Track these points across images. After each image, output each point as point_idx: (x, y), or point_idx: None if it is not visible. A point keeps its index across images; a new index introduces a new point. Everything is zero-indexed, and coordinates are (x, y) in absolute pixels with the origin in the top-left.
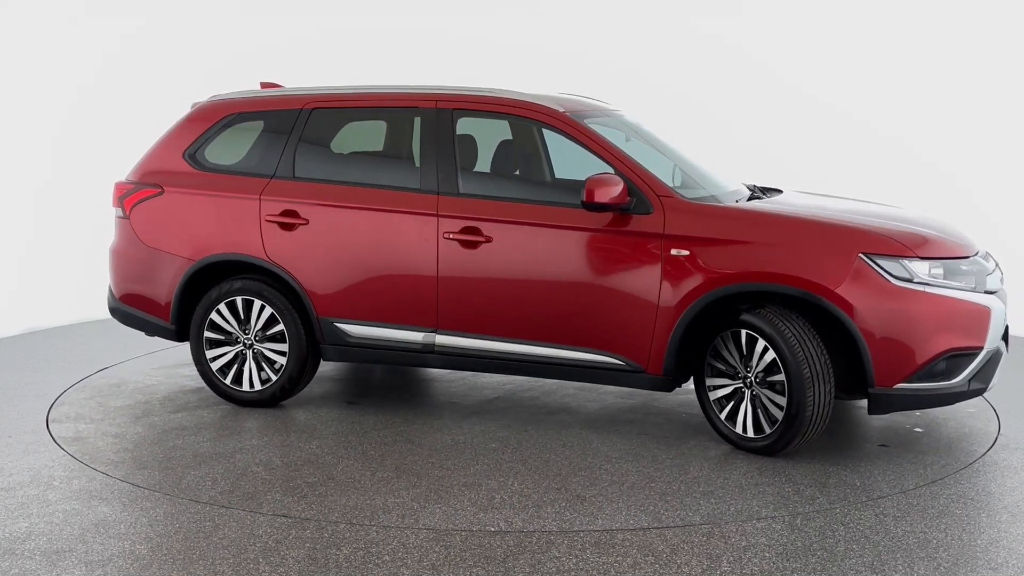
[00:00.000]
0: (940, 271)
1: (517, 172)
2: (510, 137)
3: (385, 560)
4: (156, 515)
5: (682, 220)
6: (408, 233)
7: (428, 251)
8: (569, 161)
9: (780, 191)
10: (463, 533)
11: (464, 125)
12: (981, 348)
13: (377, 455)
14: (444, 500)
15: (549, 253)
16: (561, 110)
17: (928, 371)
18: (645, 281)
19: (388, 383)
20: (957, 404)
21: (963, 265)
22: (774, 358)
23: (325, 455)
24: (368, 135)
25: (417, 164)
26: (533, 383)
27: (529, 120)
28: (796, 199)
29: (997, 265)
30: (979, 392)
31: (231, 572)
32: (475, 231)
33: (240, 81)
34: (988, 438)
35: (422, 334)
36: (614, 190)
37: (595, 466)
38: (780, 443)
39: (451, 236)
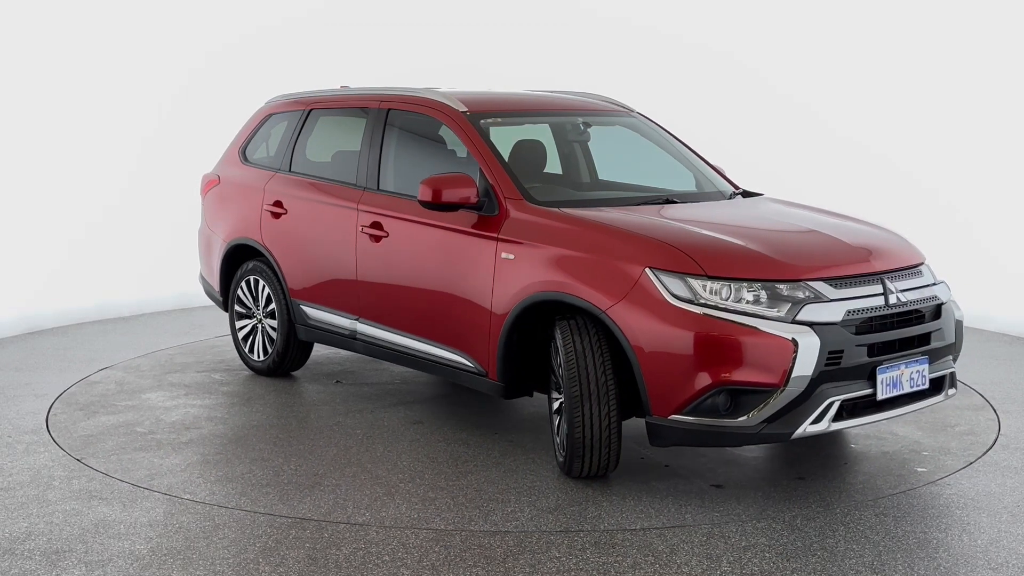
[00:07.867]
0: (745, 293)
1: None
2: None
3: (385, 560)
4: (156, 515)
5: (516, 223)
6: (340, 225)
7: (351, 243)
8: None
9: (760, 195)
10: (463, 533)
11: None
12: (776, 387)
13: (265, 426)
14: (206, 472)
15: (423, 249)
16: (463, 109)
17: (701, 405)
18: (482, 283)
19: (409, 373)
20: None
21: (782, 289)
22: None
23: (210, 422)
24: (344, 134)
25: (357, 161)
26: None
27: (429, 117)
28: (747, 207)
29: (902, 291)
30: (780, 438)
31: (231, 572)
32: (379, 226)
33: (332, 82)
34: (988, 438)
35: (349, 321)
36: (458, 191)
37: (403, 466)
38: (567, 466)
39: (364, 230)
